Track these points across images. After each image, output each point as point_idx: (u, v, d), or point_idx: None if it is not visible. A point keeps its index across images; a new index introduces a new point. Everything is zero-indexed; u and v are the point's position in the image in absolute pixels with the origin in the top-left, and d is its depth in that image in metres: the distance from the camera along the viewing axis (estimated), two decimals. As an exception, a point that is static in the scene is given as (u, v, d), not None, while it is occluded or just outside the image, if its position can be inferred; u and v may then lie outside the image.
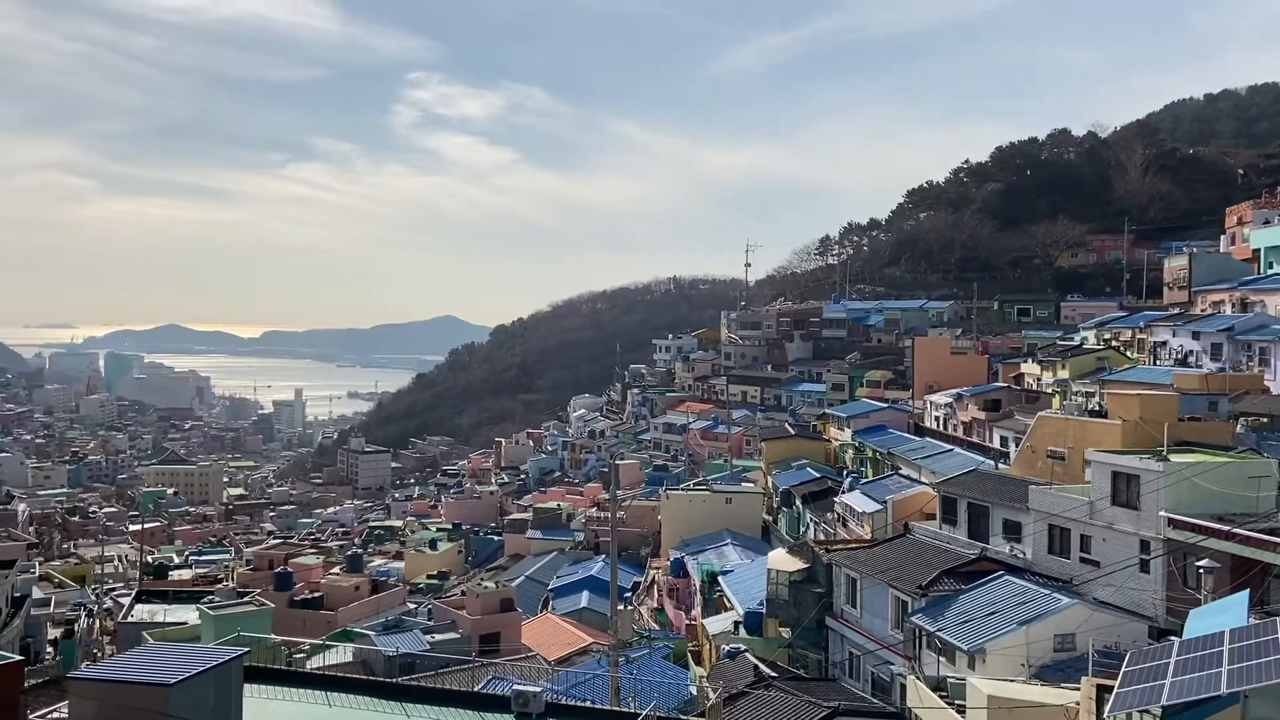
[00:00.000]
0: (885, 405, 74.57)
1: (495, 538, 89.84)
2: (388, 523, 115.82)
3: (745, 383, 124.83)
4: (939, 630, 30.14)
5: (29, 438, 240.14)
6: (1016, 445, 48.75)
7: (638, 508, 73.94)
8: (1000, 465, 47.13)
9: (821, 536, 52.10)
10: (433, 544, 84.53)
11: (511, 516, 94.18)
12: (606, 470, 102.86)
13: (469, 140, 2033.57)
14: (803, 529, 58.41)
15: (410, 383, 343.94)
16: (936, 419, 65.92)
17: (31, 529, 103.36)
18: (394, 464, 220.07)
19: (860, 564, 37.15)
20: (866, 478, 59.33)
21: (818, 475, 63.53)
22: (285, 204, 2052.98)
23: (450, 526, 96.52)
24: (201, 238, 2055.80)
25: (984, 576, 32.76)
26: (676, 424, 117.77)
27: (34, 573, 63.65)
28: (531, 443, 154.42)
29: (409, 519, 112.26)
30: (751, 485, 71.41)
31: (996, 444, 55.07)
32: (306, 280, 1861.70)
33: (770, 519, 66.47)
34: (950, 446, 57.12)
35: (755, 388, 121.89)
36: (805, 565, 40.10)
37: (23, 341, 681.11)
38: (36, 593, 55.12)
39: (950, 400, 63.70)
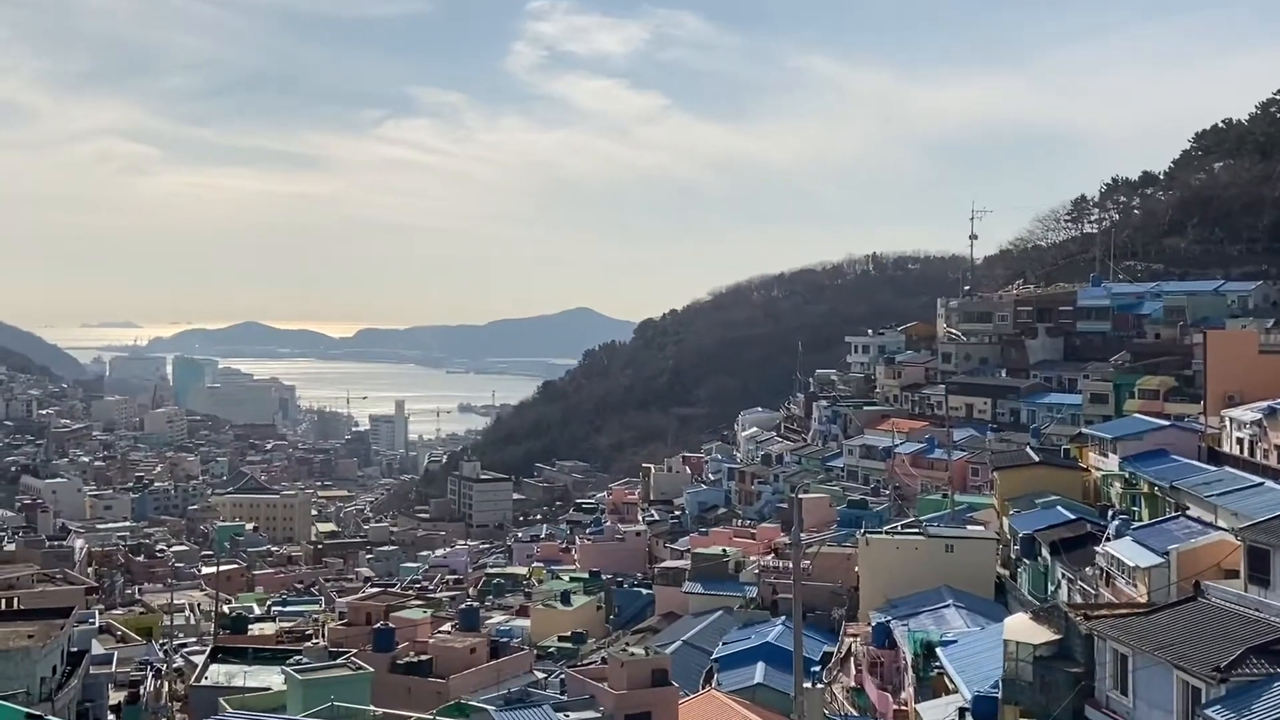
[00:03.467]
0: (1166, 423, 73.63)
1: (643, 591, 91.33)
2: (509, 569, 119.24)
3: (970, 393, 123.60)
4: (1246, 729, 29.06)
5: (87, 459, 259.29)
6: (1356, 478, 46.50)
7: (828, 556, 73.33)
8: (1332, 505, 45.12)
9: (1078, 598, 51.75)
10: (565, 597, 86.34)
11: (664, 564, 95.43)
12: (786, 506, 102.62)
13: (605, 83, 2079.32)
14: (1052, 587, 58.22)
15: (535, 393, 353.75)
16: (1239, 441, 64.60)
17: (90, 570, 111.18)
18: (516, 495, 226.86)
19: (1133, 636, 36.46)
20: (1140, 520, 58.71)
21: (1072, 516, 63.32)
22: (382, 171, 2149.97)
23: (586, 575, 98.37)
24: (284, 215, 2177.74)
25: (1309, 657, 31.70)
26: (878, 447, 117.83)
27: (93, 623, 68.56)
28: (689, 470, 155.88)
29: (535, 565, 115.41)
30: (980, 529, 71.14)
31: (1326, 476, 53.23)
32: (408, 265, 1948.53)
33: (1006, 574, 66.39)
34: (1260, 479, 55.61)
35: (984, 399, 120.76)
36: (1056, 636, 39.81)
37: (80, 344, 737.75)
38: (96, 647, 59.35)
39: (1259, 416, 62.21)
